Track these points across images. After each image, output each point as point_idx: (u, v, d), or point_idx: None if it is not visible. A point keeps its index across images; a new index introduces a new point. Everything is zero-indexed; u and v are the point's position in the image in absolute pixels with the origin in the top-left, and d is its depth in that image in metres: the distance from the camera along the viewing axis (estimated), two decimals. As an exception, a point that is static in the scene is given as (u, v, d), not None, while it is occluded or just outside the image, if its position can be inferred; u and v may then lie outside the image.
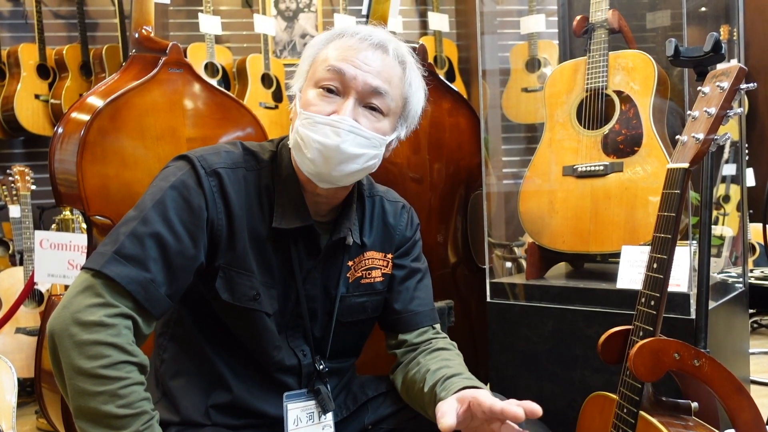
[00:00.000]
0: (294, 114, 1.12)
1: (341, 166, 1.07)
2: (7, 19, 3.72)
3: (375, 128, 1.09)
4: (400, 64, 1.12)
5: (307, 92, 1.10)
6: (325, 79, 1.08)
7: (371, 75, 1.07)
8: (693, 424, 1.14)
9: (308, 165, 1.08)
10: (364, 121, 1.08)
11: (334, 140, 1.05)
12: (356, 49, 1.08)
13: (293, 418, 1.17)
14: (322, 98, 1.07)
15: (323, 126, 1.05)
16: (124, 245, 0.98)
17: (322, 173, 1.08)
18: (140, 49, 1.84)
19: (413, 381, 1.18)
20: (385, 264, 1.26)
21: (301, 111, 1.08)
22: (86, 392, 0.90)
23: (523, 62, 3.87)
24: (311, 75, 1.11)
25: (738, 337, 1.97)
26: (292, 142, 1.09)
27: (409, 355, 1.24)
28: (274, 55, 3.88)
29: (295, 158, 1.11)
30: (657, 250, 1.14)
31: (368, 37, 1.10)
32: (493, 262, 2.09)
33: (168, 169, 1.11)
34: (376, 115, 1.10)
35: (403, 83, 1.13)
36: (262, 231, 1.12)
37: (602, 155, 1.82)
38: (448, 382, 1.10)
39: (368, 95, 1.08)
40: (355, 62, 1.07)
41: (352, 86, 1.07)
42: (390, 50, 1.11)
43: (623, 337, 1.20)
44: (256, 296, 1.11)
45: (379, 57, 1.09)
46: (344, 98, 1.07)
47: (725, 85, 1.15)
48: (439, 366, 1.16)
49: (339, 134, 1.05)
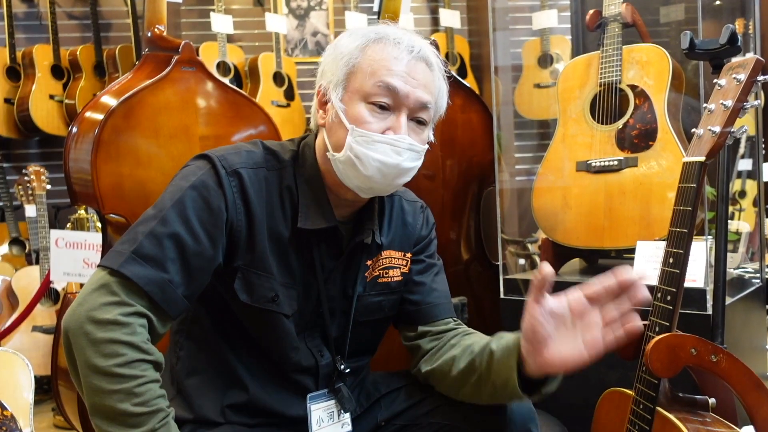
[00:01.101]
0: (335, 126, 1.09)
1: (396, 180, 1.09)
2: (22, 21, 3.75)
3: (421, 140, 1.11)
4: (437, 77, 1.13)
5: (354, 106, 1.07)
6: (375, 94, 1.06)
7: (420, 90, 1.08)
8: (711, 420, 1.13)
9: (363, 180, 1.07)
10: (413, 135, 1.09)
11: (395, 159, 1.05)
12: (402, 60, 1.07)
13: (316, 418, 1.17)
14: (374, 115, 1.06)
15: (383, 145, 1.05)
16: (143, 245, 0.98)
17: (375, 188, 1.09)
18: (153, 48, 1.85)
19: (451, 358, 1.16)
20: (404, 263, 1.25)
21: (353, 128, 1.06)
22: (102, 390, 0.90)
23: (535, 58, 3.84)
24: (356, 87, 1.08)
25: (755, 333, 1.95)
26: (343, 158, 1.07)
27: (436, 342, 1.22)
28: (286, 53, 3.88)
29: (342, 172, 1.09)
30: (673, 244, 1.13)
31: (411, 47, 1.08)
32: (507, 259, 2.08)
33: (188, 168, 1.10)
34: (422, 127, 1.11)
35: (438, 92, 1.13)
36: (284, 232, 1.11)
37: (616, 150, 1.81)
38: (502, 338, 1.09)
39: (417, 110, 1.09)
40: (406, 78, 1.07)
41: (405, 104, 1.07)
42: (433, 64, 1.11)
43: (639, 333, 1.19)
44: (274, 298, 1.10)
45: (424, 70, 1.09)
46: (397, 115, 1.07)
47: (742, 77, 1.13)
48: (479, 339, 1.16)
49: (400, 153, 1.06)
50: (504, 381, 1.05)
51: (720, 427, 1.11)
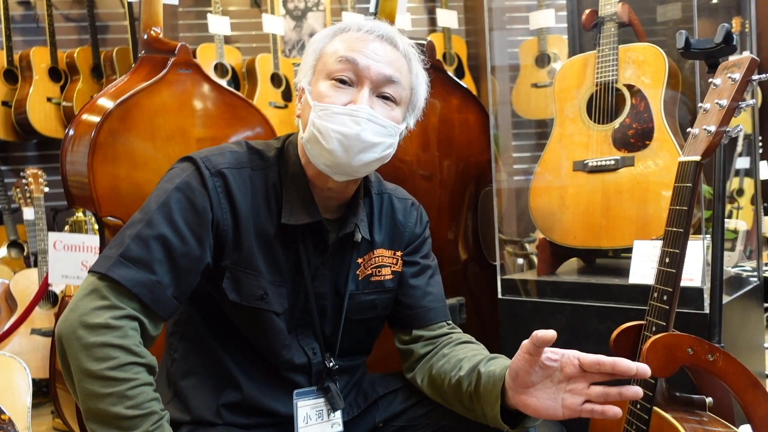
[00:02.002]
0: (304, 108, 1.11)
1: (361, 155, 1.07)
2: (19, 23, 3.75)
3: (389, 116, 1.10)
4: (405, 56, 1.14)
5: (318, 84, 1.10)
6: (337, 70, 1.08)
7: (383, 64, 1.09)
8: (708, 419, 1.13)
9: (327, 156, 1.07)
10: (379, 109, 1.08)
11: (354, 129, 1.05)
12: (365, 40, 1.10)
13: (303, 415, 1.16)
14: (336, 89, 1.08)
15: (341, 116, 1.05)
16: (130, 248, 0.99)
17: (341, 163, 1.07)
18: (149, 50, 1.85)
19: (442, 372, 1.16)
20: (394, 262, 1.25)
21: (315, 103, 1.07)
22: (95, 394, 0.91)
23: (532, 58, 3.85)
24: (321, 68, 1.11)
25: (753, 331, 1.95)
26: (307, 136, 1.08)
27: (429, 348, 1.23)
28: (283, 54, 3.89)
29: (309, 152, 1.10)
30: (669, 244, 1.13)
31: (374, 29, 1.11)
32: (504, 259, 2.08)
33: (173, 170, 1.11)
34: (389, 104, 1.11)
35: (410, 74, 1.15)
36: (270, 229, 1.12)
37: (613, 150, 1.81)
38: (492, 362, 1.08)
39: (381, 84, 1.09)
40: (366, 52, 1.08)
41: (366, 76, 1.07)
42: (397, 42, 1.13)
43: (636, 333, 1.19)
44: (263, 296, 1.11)
45: (388, 48, 1.11)
46: (358, 88, 1.08)
47: (737, 76, 1.13)
48: (472, 354, 1.15)
49: (359, 123, 1.05)
50: (490, 407, 1.05)
51: (717, 426, 1.11)
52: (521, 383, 0.98)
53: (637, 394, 0.90)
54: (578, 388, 0.95)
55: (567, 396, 0.95)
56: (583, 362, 0.93)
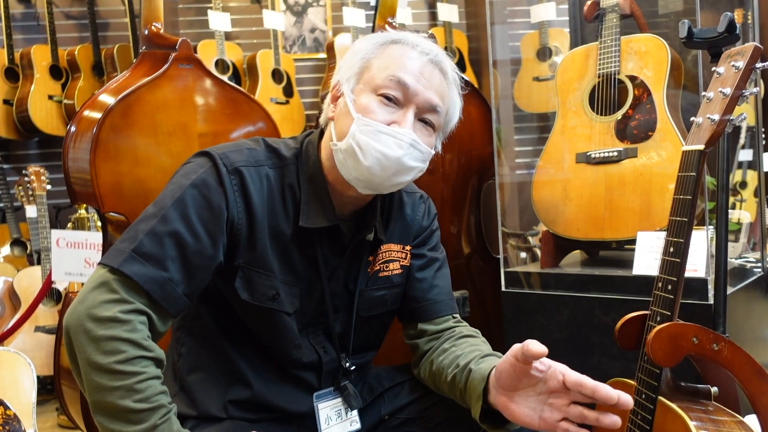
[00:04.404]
0: (342, 115, 1.09)
1: (395, 177, 1.07)
2: (20, 21, 3.74)
3: (427, 142, 1.10)
4: (449, 85, 1.13)
5: (363, 96, 1.08)
6: (386, 87, 1.06)
7: (432, 92, 1.08)
8: (713, 408, 1.13)
9: (362, 172, 1.06)
10: (419, 134, 1.08)
11: (396, 152, 1.04)
12: (417, 61, 1.08)
13: (324, 417, 1.17)
14: (381, 106, 1.07)
15: (386, 136, 1.04)
16: (143, 243, 0.98)
17: (374, 181, 1.07)
18: (150, 45, 1.84)
19: (441, 368, 1.16)
20: (403, 256, 1.25)
21: (359, 117, 1.06)
22: (103, 387, 0.90)
23: (534, 51, 3.83)
24: (368, 79, 1.09)
25: (757, 322, 1.94)
26: (344, 146, 1.06)
27: (433, 343, 1.23)
28: (284, 50, 3.88)
29: (342, 162, 1.08)
30: (673, 233, 1.13)
31: (428, 51, 1.10)
32: (508, 252, 2.08)
33: (189, 165, 1.09)
34: (429, 129, 1.11)
35: (450, 102, 1.14)
36: (285, 230, 1.11)
37: (616, 141, 1.80)
38: (485, 359, 1.09)
39: (426, 111, 1.09)
40: (418, 77, 1.07)
41: (414, 101, 1.07)
42: (447, 71, 1.12)
43: (640, 323, 1.19)
44: (275, 296, 1.10)
45: (437, 75, 1.10)
46: (404, 110, 1.07)
47: (740, 64, 1.13)
48: (469, 350, 1.15)
49: (401, 147, 1.05)
50: (473, 405, 1.05)
51: (722, 415, 1.10)
52: (503, 385, 0.98)
53: (615, 424, 0.89)
54: (559, 403, 0.95)
55: (546, 409, 0.96)
56: (567, 379, 0.92)
